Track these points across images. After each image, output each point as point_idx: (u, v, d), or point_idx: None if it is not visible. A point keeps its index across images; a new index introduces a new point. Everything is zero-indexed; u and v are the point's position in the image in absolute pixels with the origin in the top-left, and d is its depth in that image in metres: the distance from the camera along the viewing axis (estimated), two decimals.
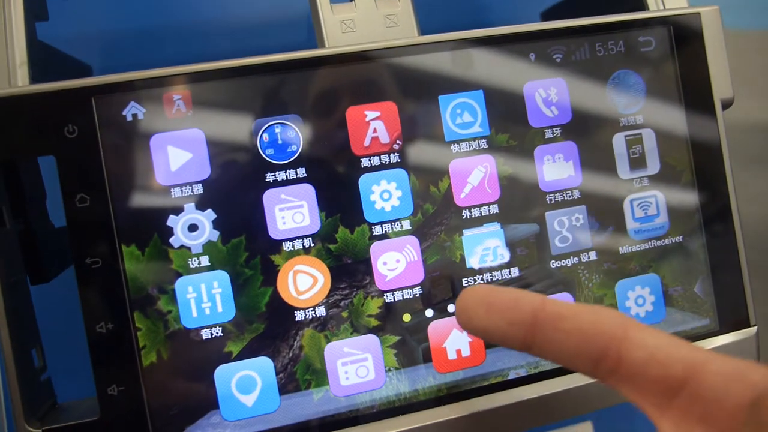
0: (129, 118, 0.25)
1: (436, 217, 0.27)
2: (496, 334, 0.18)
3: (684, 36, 0.30)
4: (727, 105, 0.30)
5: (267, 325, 0.26)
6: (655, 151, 0.29)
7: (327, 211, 0.26)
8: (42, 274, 0.29)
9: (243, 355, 0.26)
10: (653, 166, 0.29)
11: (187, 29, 0.40)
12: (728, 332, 0.30)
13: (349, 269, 0.27)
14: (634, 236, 0.29)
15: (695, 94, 0.30)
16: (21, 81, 0.25)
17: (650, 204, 0.29)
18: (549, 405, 0.27)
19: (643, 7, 0.31)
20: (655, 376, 0.16)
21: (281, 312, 0.26)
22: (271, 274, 0.26)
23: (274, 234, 0.26)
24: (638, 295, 0.29)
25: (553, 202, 0.28)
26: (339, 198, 0.26)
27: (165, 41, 0.40)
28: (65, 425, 0.24)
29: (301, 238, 0.26)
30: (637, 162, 0.29)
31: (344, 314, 0.26)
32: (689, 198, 0.30)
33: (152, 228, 0.25)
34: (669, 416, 0.16)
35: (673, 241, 0.29)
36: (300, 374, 0.26)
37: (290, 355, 0.26)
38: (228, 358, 0.25)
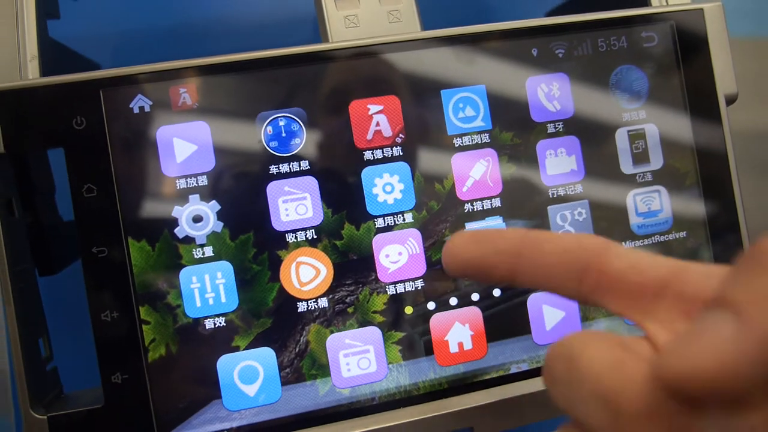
0: (136, 110, 0.25)
1: (441, 215, 0.27)
2: (483, 265, 0.19)
3: (687, 32, 0.30)
4: (731, 100, 0.30)
5: (274, 320, 0.26)
6: (658, 147, 0.29)
7: (333, 208, 0.27)
8: (50, 265, 0.30)
9: (249, 349, 0.26)
10: (656, 161, 0.29)
11: (193, 29, 0.41)
12: None
13: (355, 265, 0.27)
14: (637, 231, 0.29)
15: (699, 89, 0.30)
16: (32, 75, 0.26)
17: (653, 199, 0.29)
18: (550, 399, 0.27)
19: (646, 2, 0.31)
20: (637, 282, 0.16)
21: (286, 305, 0.26)
22: (278, 269, 0.26)
23: (277, 225, 0.26)
24: None
25: (555, 196, 0.28)
26: (342, 190, 0.27)
27: (172, 41, 0.41)
28: (69, 412, 0.24)
29: (304, 229, 0.26)
30: (640, 157, 0.29)
31: (350, 310, 0.27)
32: (693, 193, 0.29)
33: (158, 218, 0.25)
34: (654, 317, 0.16)
35: (677, 236, 0.29)
36: (306, 369, 0.26)
37: (296, 350, 0.26)
38: (234, 352, 0.26)
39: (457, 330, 0.27)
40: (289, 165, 0.26)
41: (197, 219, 0.26)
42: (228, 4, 0.41)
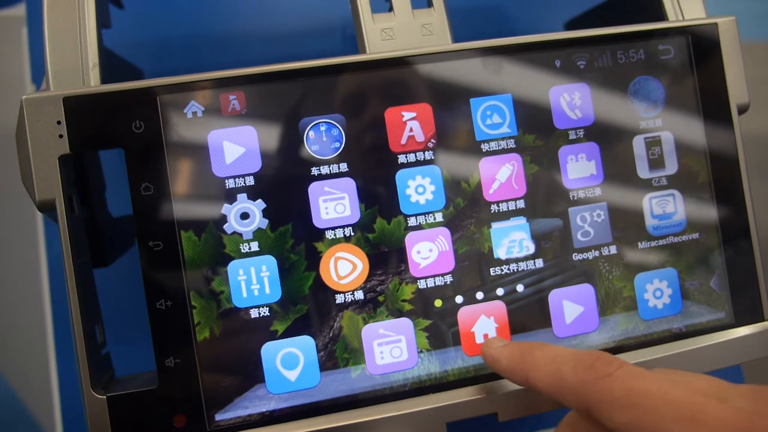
0: (189, 115, 0.27)
1: (467, 211, 0.29)
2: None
3: (702, 45, 0.31)
4: (743, 110, 0.32)
5: (309, 307, 0.28)
6: (673, 153, 0.31)
7: (366, 203, 0.29)
8: (102, 258, 0.32)
9: (287, 333, 0.28)
10: (671, 166, 0.31)
11: (227, 37, 0.43)
12: (743, 326, 0.31)
13: (386, 257, 0.29)
14: (653, 232, 0.31)
15: (712, 99, 0.31)
16: (93, 82, 0.28)
17: (668, 202, 0.31)
18: None
19: (663, 17, 0.33)
20: None
21: (323, 295, 0.28)
22: (314, 260, 0.28)
23: (317, 223, 0.28)
24: (656, 288, 0.31)
25: (575, 198, 0.30)
26: (377, 191, 0.29)
27: (208, 48, 0.43)
28: (127, 392, 0.26)
29: (343, 227, 0.28)
30: (656, 163, 0.31)
31: (381, 298, 0.29)
32: (706, 197, 0.31)
33: (208, 215, 0.27)
34: None
35: (690, 237, 0.31)
36: (339, 353, 0.28)
37: (330, 334, 0.28)
38: (274, 336, 0.28)
39: (483, 322, 0.29)
40: (329, 167, 0.28)
41: (245, 216, 0.28)
42: (264, 14, 0.43)
